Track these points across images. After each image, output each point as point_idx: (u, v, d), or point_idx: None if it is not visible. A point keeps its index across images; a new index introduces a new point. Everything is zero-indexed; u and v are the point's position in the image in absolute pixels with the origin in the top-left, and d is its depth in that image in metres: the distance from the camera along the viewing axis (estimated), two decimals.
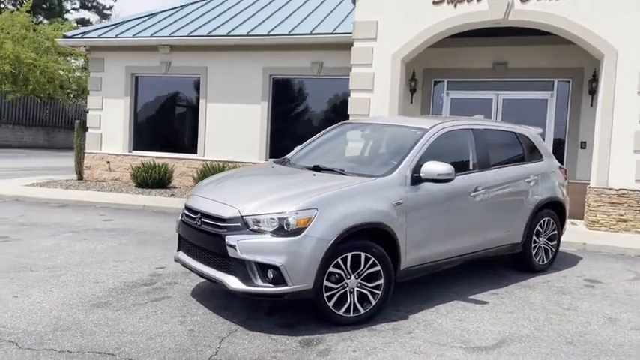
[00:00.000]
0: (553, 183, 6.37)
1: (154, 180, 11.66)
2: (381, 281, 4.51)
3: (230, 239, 4.20)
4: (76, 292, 5.01)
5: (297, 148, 6.03)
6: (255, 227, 4.19)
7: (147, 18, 13.27)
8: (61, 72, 28.92)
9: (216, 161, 11.63)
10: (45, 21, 39.40)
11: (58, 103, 30.74)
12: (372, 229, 4.49)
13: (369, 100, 9.55)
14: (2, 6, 36.62)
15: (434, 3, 9.24)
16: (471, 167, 5.53)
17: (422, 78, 11.05)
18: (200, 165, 11.70)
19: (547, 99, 10.57)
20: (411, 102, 11.01)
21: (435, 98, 11.13)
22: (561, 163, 9.30)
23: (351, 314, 4.43)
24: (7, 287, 5.06)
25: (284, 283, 4.11)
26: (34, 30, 28.71)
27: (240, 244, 4.15)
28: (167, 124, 12.96)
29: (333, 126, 6.21)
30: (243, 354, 3.83)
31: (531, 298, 5.36)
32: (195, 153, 12.36)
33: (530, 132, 6.46)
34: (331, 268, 4.30)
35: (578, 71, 10.26)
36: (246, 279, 4.18)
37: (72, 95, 32.07)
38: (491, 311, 4.96)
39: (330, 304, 4.34)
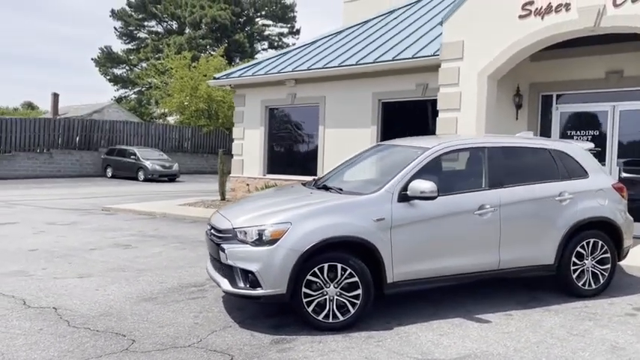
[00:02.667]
0: (601, 202, 5.92)
1: None
2: (359, 291, 4.88)
3: (223, 247, 5.00)
4: (141, 289, 6.24)
5: (332, 168, 6.60)
6: (242, 238, 4.92)
7: (278, 57, 14.86)
8: None
9: None
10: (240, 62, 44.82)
11: None
12: (349, 242, 4.90)
13: (455, 120, 9.59)
14: (204, 52, 42.65)
15: (520, 17, 8.99)
16: (477, 185, 5.53)
17: (528, 93, 10.62)
18: None
19: None
20: (517, 118, 10.64)
21: (543, 114, 10.58)
22: None
23: (330, 320, 4.87)
24: (96, 282, 6.50)
25: (260, 286, 4.77)
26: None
27: (228, 252, 4.93)
28: (294, 149, 14.30)
29: (368, 147, 6.64)
30: (218, 344, 4.57)
31: (544, 322, 5.16)
32: (316, 175, 13.40)
33: (572, 147, 6.10)
34: (309, 277, 4.82)
35: None
36: (232, 282, 4.93)
37: None
38: (485, 330, 4.95)
39: (309, 310, 4.85)
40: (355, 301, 4.90)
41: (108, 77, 48.01)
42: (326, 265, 4.83)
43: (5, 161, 26.10)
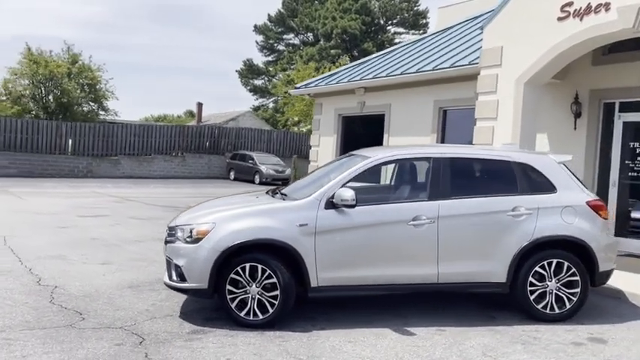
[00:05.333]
0: (568, 219, 5.43)
1: None
2: (277, 292, 5.13)
3: (166, 242, 5.55)
4: (137, 277, 7.02)
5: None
6: (179, 235, 5.43)
7: (354, 66, 15.20)
8: None
9: None
10: None
11: None
12: (269, 245, 5.16)
13: (492, 129, 9.14)
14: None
15: (559, 19, 8.34)
16: (415, 195, 5.42)
17: (588, 100, 9.72)
18: None
19: None
20: (575, 128, 9.79)
21: (605, 123, 9.60)
22: None
23: (251, 317, 5.19)
24: (109, 269, 7.44)
25: (186, 280, 5.24)
26: None
27: (168, 247, 5.48)
28: None
29: (342, 156, 6.77)
30: (145, 328, 5.08)
31: (470, 341, 4.95)
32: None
33: (541, 160, 5.65)
34: (233, 275, 5.19)
35: None
36: (169, 275, 5.46)
37: None
38: (399, 342, 4.92)
39: (233, 306, 5.21)
40: (274, 301, 5.15)
41: (248, 88, 51.70)
42: (247, 265, 5.16)
43: (145, 163, 29.58)
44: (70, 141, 27.77)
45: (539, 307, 5.44)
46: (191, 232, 5.27)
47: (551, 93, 10.13)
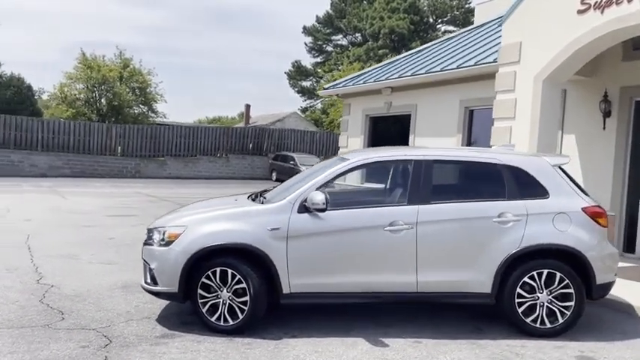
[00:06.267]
0: (561, 227, 5.01)
1: None
2: (247, 298, 4.99)
3: (144, 244, 5.52)
4: (130, 278, 7.00)
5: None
6: (154, 237, 5.39)
7: (383, 66, 14.88)
8: None
9: None
10: None
11: None
12: (239, 249, 5.03)
13: (510, 129, 8.65)
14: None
15: (579, 12, 7.78)
16: (394, 200, 5.15)
17: (618, 98, 9.06)
18: None
19: None
20: (604, 128, 9.15)
21: (636, 122, 8.91)
22: None
23: (222, 323, 5.07)
24: (109, 269, 7.53)
25: (157, 284, 5.19)
26: None
27: (144, 249, 5.45)
28: None
29: (331, 159, 6.55)
30: (118, 331, 5.06)
31: (445, 355, 4.64)
32: None
33: (533, 163, 5.22)
34: (204, 279, 5.09)
35: None
36: (145, 278, 5.42)
37: None
38: (367, 354, 4.67)
39: (204, 310, 5.12)
40: (244, 307, 5.02)
41: (296, 89, 51.97)
42: (218, 270, 5.05)
43: (191, 164, 30.22)
44: (120, 142, 28.75)
45: (529, 320, 5.04)
46: (164, 234, 5.22)
47: (578, 91, 9.54)
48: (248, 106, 43.99)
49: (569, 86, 9.68)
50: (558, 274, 5.00)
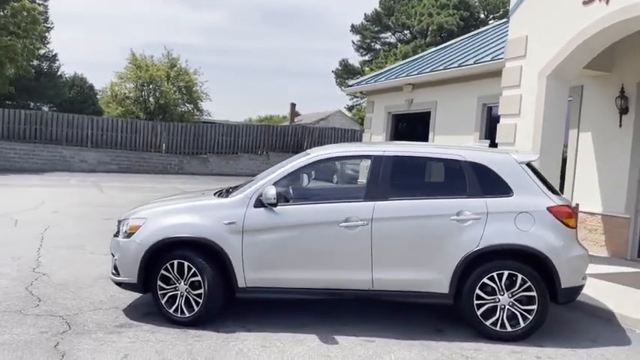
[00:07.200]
0: (523, 226, 4.76)
1: None
2: (201, 291, 5.03)
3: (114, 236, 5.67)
4: None
5: None
6: (121, 229, 5.51)
7: (403, 65, 14.67)
8: None
9: None
10: None
11: None
12: (195, 243, 5.07)
13: (515, 126, 8.31)
14: None
15: (584, 3, 7.35)
16: (351, 195, 5.04)
17: (636, 94, 8.52)
18: None
19: None
20: (620, 125, 8.63)
21: None
22: None
23: (179, 315, 5.14)
24: (105, 260, 7.75)
25: (119, 275, 5.31)
26: None
27: (112, 240, 5.59)
28: None
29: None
30: (84, 319, 5.19)
31: (387, 356, 4.52)
32: None
33: (498, 160, 4.97)
34: (163, 272, 5.17)
35: None
36: (111, 268, 5.56)
37: None
38: (310, 349, 4.64)
39: (163, 302, 5.20)
40: (199, 299, 5.06)
41: (343, 87, 51.86)
42: (175, 262, 5.12)
43: (232, 161, 30.76)
44: (164, 140, 29.63)
45: (488, 323, 4.82)
46: (126, 226, 5.34)
47: (595, 87, 9.04)
48: (293, 105, 44.36)
49: (586, 82, 9.21)
50: (520, 276, 4.76)
